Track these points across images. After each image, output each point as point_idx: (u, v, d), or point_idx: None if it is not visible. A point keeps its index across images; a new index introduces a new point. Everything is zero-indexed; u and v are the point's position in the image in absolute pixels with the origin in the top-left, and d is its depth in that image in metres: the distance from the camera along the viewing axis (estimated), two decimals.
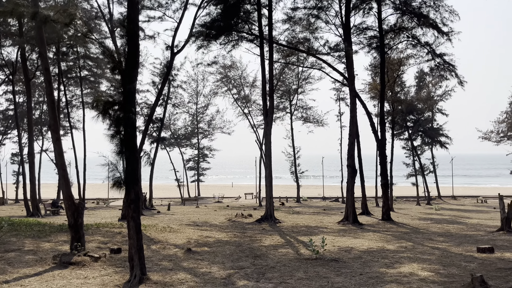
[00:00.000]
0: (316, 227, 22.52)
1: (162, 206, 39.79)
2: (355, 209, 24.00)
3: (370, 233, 20.43)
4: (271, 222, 24.00)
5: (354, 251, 15.11)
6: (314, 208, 37.27)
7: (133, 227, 10.31)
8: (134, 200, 10.31)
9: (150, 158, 39.01)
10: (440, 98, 49.05)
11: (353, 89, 23.66)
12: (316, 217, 28.10)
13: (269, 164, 24.60)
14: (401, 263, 12.87)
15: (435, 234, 19.92)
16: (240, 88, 47.33)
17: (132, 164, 10.20)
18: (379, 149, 24.97)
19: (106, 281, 10.68)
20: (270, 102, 24.52)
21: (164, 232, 20.09)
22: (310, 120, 49.24)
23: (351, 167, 23.50)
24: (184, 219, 26.76)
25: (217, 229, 21.63)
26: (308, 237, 18.94)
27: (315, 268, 12.27)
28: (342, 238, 18.61)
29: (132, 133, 10.11)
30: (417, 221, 25.89)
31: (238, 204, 43.76)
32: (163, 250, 15.60)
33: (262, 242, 17.44)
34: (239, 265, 12.80)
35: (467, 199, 51.35)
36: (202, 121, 56.05)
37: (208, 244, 16.97)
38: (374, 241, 17.57)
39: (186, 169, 56.00)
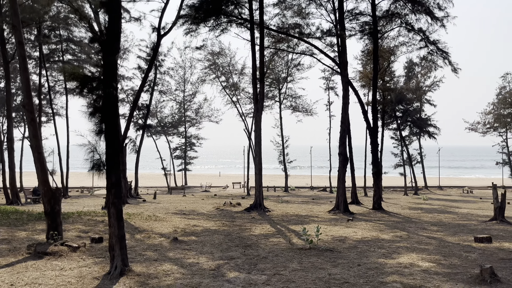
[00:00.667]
0: (306, 216, 21.81)
1: (148, 195, 38.70)
2: (346, 198, 23.35)
3: (362, 222, 19.78)
4: (260, 211, 23.21)
5: (349, 241, 14.40)
6: (303, 198, 36.64)
7: (114, 214, 9.36)
8: (115, 184, 9.34)
9: (136, 145, 37.82)
10: (429, 89, 48.69)
11: (345, 75, 22.85)
12: (306, 206, 27.42)
13: (259, 152, 23.74)
14: (399, 253, 12.18)
15: (428, 224, 19.37)
16: (229, 75, 46.21)
17: (113, 146, 9.21)
18: (371, 137, 24.30)
19: (84, 273, 9.73)
20: (261, 87, 23.57)
21: (149, 221, 19.14)
22: (299, 109, 48.45)
23: (342, 155, 22.78)
24: (170, 207, 25.81)
25: (205, 218, 20.76)
26: (299, 226, 18.21)
27: (309, 259, 11.50)
28: (334, 227, 17.91)
29: (114, 111, 9.11)
30: (408, 211, 25.40)
31: (226, 193, 42.92)
32: (148, 239, 14.66)
33: (252, 231, 16.63)
34: (228, 255, 11.97)
35: (453, 189, 51.37)
36: (189, 109, 54.81)
37: (196, 233, 16.09)
38: (368, 231, 16.91)
39: (173, 158, 54.84)
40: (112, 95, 8.75)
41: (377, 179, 24.22)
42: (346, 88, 22.78)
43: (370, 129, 24.78)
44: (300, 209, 25.67)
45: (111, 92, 8.70)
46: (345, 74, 22.84)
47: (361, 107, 25.23)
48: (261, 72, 23.63)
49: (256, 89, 23.81)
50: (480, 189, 50.56)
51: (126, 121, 24.76)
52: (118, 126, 9.30)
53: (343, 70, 22.80)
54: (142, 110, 37.02)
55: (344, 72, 22.81)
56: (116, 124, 9.26)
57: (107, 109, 9.00)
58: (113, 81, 8.91)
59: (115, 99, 9.05)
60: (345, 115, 22.85)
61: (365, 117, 25.34)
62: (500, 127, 50.04)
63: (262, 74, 23.60)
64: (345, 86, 22.74)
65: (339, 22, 23.05)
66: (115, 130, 9.20)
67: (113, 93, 8.79)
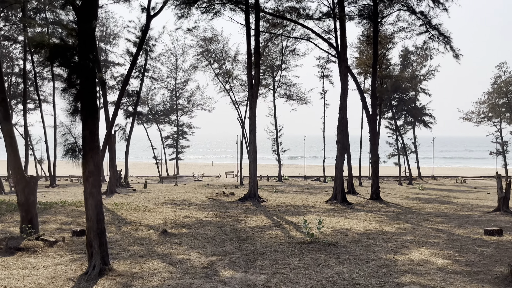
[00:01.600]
0: (303, 207, 20.71)
1: (139, 184, 37.35)
2: (344, 188, 22.26)
3: (362, 213, 18.73)
4: (255, 201, 22.06)
5: (351, 233, 13.30)
6: (297, 187, 35.59)
7: (92, 206, 8.10)
8: (93, 172, 8.06)
9: (126, 133, 36.35)
10: (424, 78, 47.66)
11: (345, 60, 21.60)
12: (301, 196, 26.33)
13: (254, 139, 22.51)
14: (408, 248, 11.10)
15: (430, 215, 18.38)
16: (222, 62, 44.68)
17: (90, 127, 7.92)
18: (370, 125, 23.16)
19: (58, 272, 8.49)
20: (256, 72, 22.25)
21: (138, 212, 17.89)
22: (293, 98, 47.18)
23: (340, 143, 21.63)
24: (161, 197, 24.57)
25: (197, 208, 19.56)
26: (297, 217, 17.10)
27: (311, 254, 10.37)
28: (334, 218, 16.82)
29: (91, 87, 7.80)
30: (406, 201, 24.44)
31: (219, 182, 41.73)
32: (135, 232, 13.44)
33: (247, 223, 15.47)
34: (222, 250, 10.79)
35: (447, 179, 50.74)
36: (181, 97, 53.21)
37: (187, 225, 14.89)
38: (369, 222, 15.84)
39: (165, 146, 53.39)
40: (88, 67, 7.42)
41: (375, 168, 23.14)
42: (345, 73, 21.54)
43: (369, 116, 23.64)
44: (295, 199, 24.57)
45: (86, 65, 7.37)
46: (344, 58, 21.60)
47: (360, 93, 24.08)
48: (256, 56, 22.29)
49: (251, 74, 22.49)
50: (473, 179, 50.00)
51: (115, 107, 23.31)
52: (96, 105, 8.00)
53: (343, 54, 21.54)
54: (132, 97, 35.48)
55: (343, 56, 21.56)
56: (94, 102, 7.96)
57: (83, 84, 7.69)
58: (89, 52, 7.58)
59: (92, 72, 7.73)
60: (344, 101, 21.65)
61: (363, 104, 24.20)
62: (495, 117, 49.30)
63: (257, 58, 22.27)
64: (345, 71, 21.51)
65: (338, 3, 21.72)
66: (92, 109, 7.91)
67: (89, 65, 7.47)
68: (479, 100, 50.72)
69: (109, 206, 19.32)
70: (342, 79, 21.66)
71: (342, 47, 21.53)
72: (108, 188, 25.79)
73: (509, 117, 48.47)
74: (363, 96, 24.40)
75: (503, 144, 48.81)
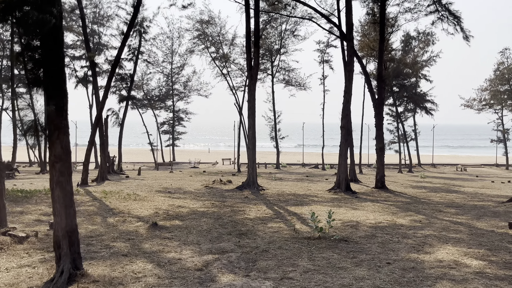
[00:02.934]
0: (305, 196, 19.22)
1: (133, 171, 35.74)
2: (348, 176, 20.77)
3: (369, 203, 17.27)
4: (254, 189, 20.55)
5: (362, 227, 11.82)
6: (296, 175, 34.12)
7: (60, 198, 6.52)
8: (61, 156, 6.46)
9: (119, 118, 34.58)
10: (426, 64, 45.96)
11: (351, 39, 19.88)
12: (301, 184, 24.85)
13: (253, 124, 20.90)
14: (431, 245, 9.62)
15: (441, 205, 16.94)
16: (219, 46, 42.75)
17: (56, 100, 6.30)
18: (375, 109, 21.58)
19: (21, 277, 6.94)
20: (255, 52, 20.52)
21: (128, 201, 16.34)
22: (292, 83, 45.39)
23: (345, 128, 20.05)
24: (154, 185, 23.02)
25: (192, 197, 18.03)
26: (299, 207, 15.62)
27: (322, 253, 8.88)
28: (339, 209, 15.34)
29: (56, 49, 6.15)
30: (412, 190, 23.02)
31: (215, 169, 40.19)
32: (122, 224, 11.90)
33: (246, 214, 13.96)
34: (220, 248, 9.28)
35: (446, 167, 49.43)
36: (177, 82, 51.24)
37: (181, 216, 13.36)
38: (379, 213, 14.37)
39: (161, 132, 51.63)
40: (49, 23, 5.75)
41: (381, 155, 21.63)
42: (351, 53, 19.85)
43: (374, 100, 22.06)
44: (296, 187, 23.09)
45: (47, 20, 5.70)
46: (350, 37, 19.88)
47: (365, 76, 22.46)
48: (256, 36, 20.54)
49: (250, 55, 20.77)
50: (473, 167, 48.74)
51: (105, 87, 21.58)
52: (63, 73, 6.35)
53: (349, 33, 19.82)
54: (125, 80, 33.63)
55: (349, 35, 19.84)
56: (60, 69, 6.31)
57: (45, 45, 6.03)
58: (51, 4, 5.90)
59: (57, 31, 6.06)
60: (349, 84, 20.00)
61: (369, 88, 22.59)
62: (496, 104, 47.82)
63: (257, 38, 20.52)
64: (351, 51, 19.81)
65: None
66: (58, 77, 6.27)
67: (52, 21, 5.80)
68: (481, 87, 49.17)
69: (97, 195, 17.76)
70: (348, 60, 19.99)
71: (348, 25, 19.80)
72: (98, 174, 24.19)
73: (511, 105, 47.02)
74: (368, 79, 22.79)
75: (504, 131, 47.43)
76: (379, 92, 21.57)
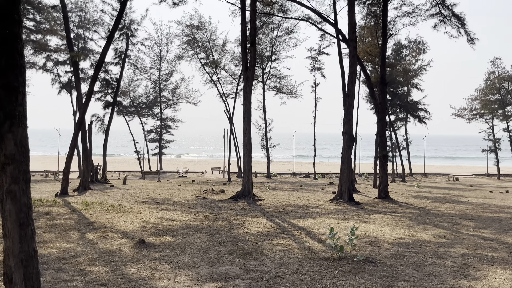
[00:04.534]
0: (306, 207, 17.49)
1: (119, 180, 33.54)
2: (351, 185, 19.15)
3: (377, 214, 15.63)
4: (250, 199, 18.75)
5: (383, 244, 10.13)
6: (289, 184, 32.41)
7: (11, 214, 4.66)
8: (14, 156, 4.61)
9: (104, 124, 32.48)
10: (416, 73, 45.10)
11: (353, 39, 18.43)
12: (298, 194, 23.14)
13: (249, 129, 19.17)
14: (476, 268, 7.97)
15: (455, 217, 15.41)
16: (209, 52, 41.14)
17: (7, 77, 4.47)
18: (378, 115, 20.13)
19: None
20: (252, 51, 18.88)
21: (112, 213, 14.36)
22: (283, 91, 43.89)
23: (348, 134, 18.47)
24: (141, 195, 21.02)
25: (183, 209, 16.13)
26: (303, 220, 13.88)
27: (349, 279, 7.13)
28: (347, 222, 13.65)
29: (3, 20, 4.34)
30: (414, 200, 21.53)
31: (205, 179, 38.23)
32: (103, 241, 9.97)
33: (246, 228, 12.15)
34: (222, 272, 7.46)
35: (438, 176, 48.36)
36: (165, 89, 49.25)
37: (171, 230, 11.48)
38: (393, 227, 12.73)
39: (147, 141, 49.44)
40: None
41: (385, 163, 20.11)
42: (354, 54, 18.36)
43: (376, 105, 20.62)
44: (293, 197, 21.36)
45: None
46: (353, 37, 18.43)
47: (367, 80, 21.05)
48: (253, 34, 18.93)
49: (246, 54, 19.12)
50: (464, 176, 47.79)
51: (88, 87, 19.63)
52: (18, 42, 4.54)
53: (351, 33, 18.37)
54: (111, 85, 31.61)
55: (352, 35, 18.38)
56: (13, 35, 4.50)
57: None
58: None
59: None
60: (352, 87, 18.48)
61: (370, 92, 21.18)
62: (487, 114, 47.13)
63: (253, 35, 18.91)
64: (353, 52, 18.33)
65: None
66: (10, 46, 4.45)
67: None
68: (471, 97, 48.52)
69: (77, 206, 15.73)
70: (350, 61, 18.49)
71: (351, 24, 18.36)
72: (80, 184, 22.07)
73: (501, 114, 46.38)
74: (370, 82, 21.38)
75: (495, 141, 46.70)
76: (382, 97, 20.12)
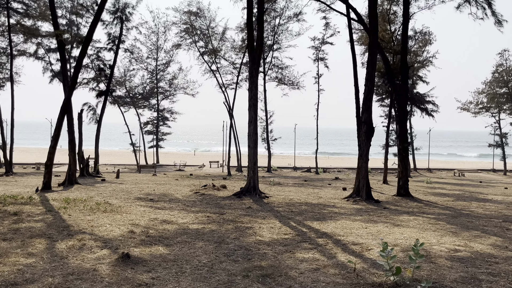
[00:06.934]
0: (320, 206, 15.04)
1: (113, 174, 30.97)
2: (369, 181, 16.69)
3: (405, 216, 13.21)
4: (255, 196, 16.29)
5: (438, 259, 7.68)
6: (292, 179, 30.02)
7: None
8: None
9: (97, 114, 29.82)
10: (421, 65, 42.65)
11: (374, 16, 15.87)
12: (306, 190, 20.71)
13: (255, 118, 16.65)
14: None
15: (496, 219, 13.04)
16: (208, 40, 38.48)
17: None
18: (398, 104, 17.68)
19: None
20: (259, 31, 16.30)
21: (95, 213, 11.85)
22: (285, 82, 41.34)
23: (366, 124, 16.00)
24: (134, 190, 18.51)
25: (181, 207, 13.64)
26: (323, 223, 11.43)
27: None
28: (376, 226, 11.22)
29: None
30: (435, 197, 19.16)
31: (203, 173, 35.73)
32: (76, 254, 7.46)
33: (258, 234, 9.68)
34: None
35: (443, 172, 46.17)
36: (162, 79, 46.56)
37: (166, 237, 8.99)
38: (435, 233, 10.30)
39: (144, 133, 46.79)
40: None
41: (405, 157, 17.68)
42: (374, 34, 15.78)
43: (395, 93, 18.15)
44: (302, 194, 18.92)
45: None
46: (374, 14, 15.84)
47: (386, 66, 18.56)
48: (260, 10, 16.34)
49: (252, 33, 16.53)
50: (470, 172, 45.61)
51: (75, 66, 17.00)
52: None
53: (372, 9, 15.77)
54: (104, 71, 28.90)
55: (372, 11, 15.79)
56: None
57: None
58: None
59: None
60: (372, 70, 15.96)
61: (389, 78, 18.71)
62: (494, 108, 44.84)
63: (260, 11, 16.31)
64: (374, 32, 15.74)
65: None
66: None
67: None
68: (478, 90, 46.17)
69: (55, 204, 13.18)
70: (371, 41, 15.94)
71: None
72: (66, 177, 19.49)
73: (509, 108, 44.09)
74: (389, 68, 18.87)
75: (502, 136, 44.45)
76: (403, 83, 17.62)
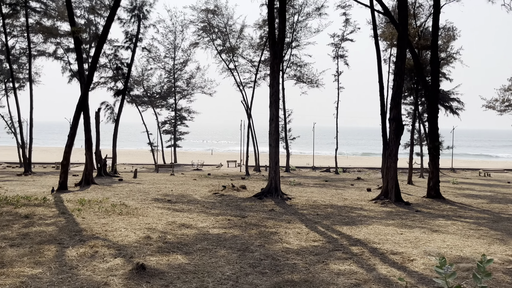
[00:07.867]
0: (347, 208, 14.03)
1: (130, 173, 30.51)
2: (398, 182, 15.58)
3: (442, 220, 12.09)
4: (277, 198, 15.38)
5: (497, 273, 6.63)
6: (312, 179, 28.99)
7: None
8: None
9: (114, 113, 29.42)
10: (445, 62, 40.92)
11: (404, 4, 14.77)
12: (329, 191, 19.68)
13: (276, 115, 15.74)
14: None
15: None
16: (226, 38, 37.68)
17: None
18: (428, 100, 16.52)
19: None
20: (281, 23, 15.37)
21: (111, 215, 11.13)
22: (303, 80, 40.25)
23: (396, 121, 14.90)
24: (152, 190, 17.82)
25: (200, 209, 12.84)
26: (354, 228, 10.44)
27: None
28: (412, 232, 10.18)
29: None
30: (467, 199, 17.89)
31: (221, 172, 34.99)
32: (87, 263, 6.69)
33: (284, 241, 8.77)
34: None
35: (467, 172, 44.32)
36: (180, 78, 46.05)
37: (185, 244, 8.17)
38: (480, 241, 9.21)
39: (161, 132, 46.38)
40: None
41: (435, 156, 16.50)
42: (404, 25, 14.68)
43: (427, 88, 16.99)
44: (325, 195, 17.91)
45: None
46: (404, 2, 14.74)
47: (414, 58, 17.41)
48: (282, 1, 15.40)
49: (274, 26, 15.61)
50: (496, 172, 43.64)
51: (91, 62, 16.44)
52: None
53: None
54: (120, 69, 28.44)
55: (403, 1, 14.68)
56: None
57: None
58: None
59: None
60: (402, 65, 14.86)
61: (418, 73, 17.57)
62: None
63: (282, 3, 15.37)
64: (403, 23, 14.64)
65: None
66: None
67: None
68: (504, 87, 44.07)
69: (70, 205, 12.54)
70: (400, 33, 14.84)
71: None
72: (83, 177, 18.95)
73: None
74: (418, 61, 17.73)
75: None
76: (434, 78, 16.44)
